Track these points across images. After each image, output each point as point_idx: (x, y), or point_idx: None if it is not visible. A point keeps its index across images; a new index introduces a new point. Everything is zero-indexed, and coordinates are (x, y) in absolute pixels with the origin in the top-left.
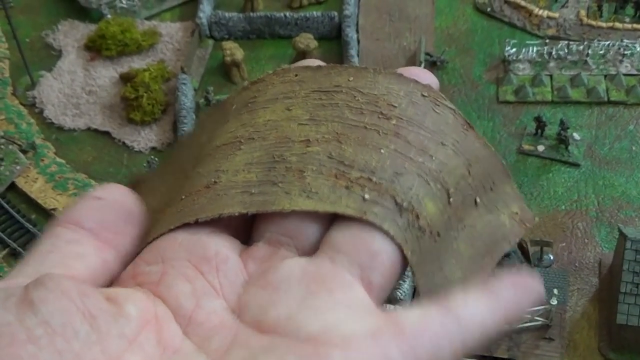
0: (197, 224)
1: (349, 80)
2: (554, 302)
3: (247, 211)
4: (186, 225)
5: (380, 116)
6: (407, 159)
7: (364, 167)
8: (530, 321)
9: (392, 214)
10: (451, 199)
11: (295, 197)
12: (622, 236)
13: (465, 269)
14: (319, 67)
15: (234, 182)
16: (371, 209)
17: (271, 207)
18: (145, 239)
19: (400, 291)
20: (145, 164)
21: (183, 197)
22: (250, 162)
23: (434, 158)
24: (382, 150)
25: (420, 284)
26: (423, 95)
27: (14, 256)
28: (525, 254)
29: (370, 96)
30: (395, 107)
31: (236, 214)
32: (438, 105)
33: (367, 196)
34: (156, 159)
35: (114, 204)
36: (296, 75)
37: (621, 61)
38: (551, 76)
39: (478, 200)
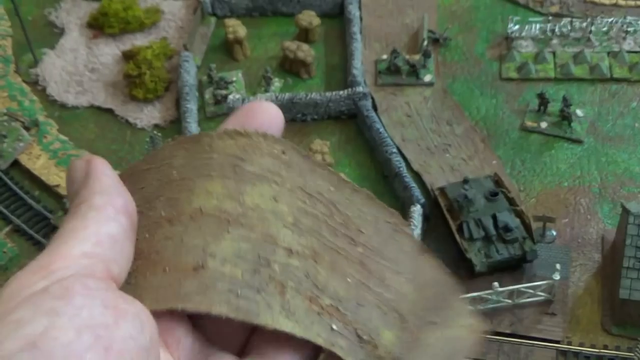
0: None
1: (330, 189)
2: (557, 277)
3: (234, 316)
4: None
5: (350, 242)
6: (368, 289)
7: (333, 294)
8: (533, 296)
9: (354, 346)
10: (406, 324)
11: (276, 314)
12: (625, 211)
13: None
14: (307, 158)
15: (221, 274)
16: (338, 341)
17: (256, 319)
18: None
19: None
20: (147, 139)
21: (166, 268)
22: (238, 255)
23: (390, 288)
24: (348, 279)
25: None
26: (387, 222)
27: (18, 232)
28: (528, 229)
29: (344, 216)
30: (362, 232)
31: (222, 316)
32: (397, 232)
33: (334, 326)
34: (159, 134)
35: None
36: (284, 153)
37: (624, 38)
38: (554, 53)
39: (436, 319)
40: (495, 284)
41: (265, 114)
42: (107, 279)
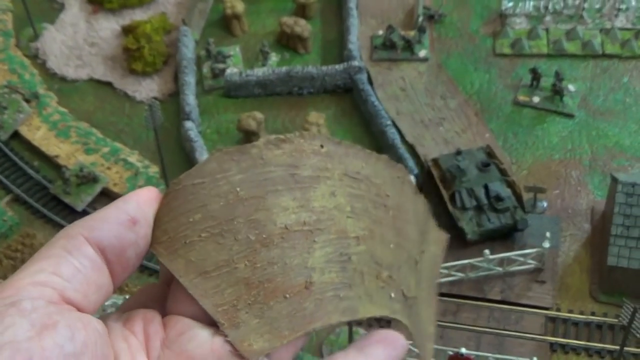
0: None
1: (362, 166)
2: (547, 245)
3: (344, 319)
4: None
5: (384, 210)
6: (402, 249)
7: (387, 265)
8: (523, 264)
9: (404, 306)
10: (418, 264)
11: (365, 303)
12: (614, 180)
13: (430, 306)
14: (338, 143)
15: (325, 284)
16: (395, 307)
17: (357, 315)
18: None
19: None
20: (146, 107)
21: (286, 295)
22: (328, 260)
23: (409, 239)
24: (391, 246)
25: (415, 335)
26: (397, 177)
27: (17, 201)
28: (519, 199)
29: (376, 186)
30: (389, 196)
31: (338, 323)
32: (404, 184)
33: (392, 294)
34: (157, 102)
35: (139, 240)
36: (322, 147)
37: (616, 15)
38: (547, 30)
39: (423, 248)
40: (487, 251)
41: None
42: (60, 303)
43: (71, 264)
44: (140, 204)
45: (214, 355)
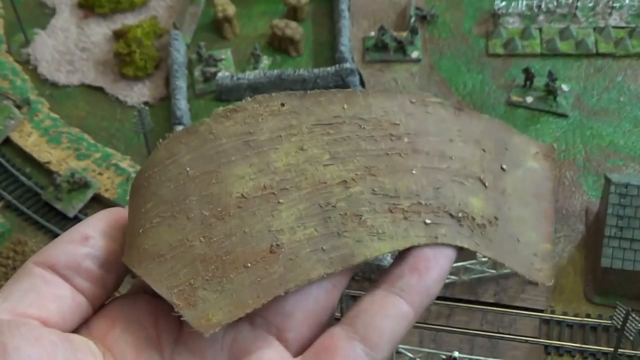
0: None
1: (343, 108)
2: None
3: (334, 270)
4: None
5: (392, 138)
6: (435, 170)
7: (408, 193)
8: None
9: (455, 228)
10: (486, 183)
11: (369, 243)
12: (607, 181)
13: (534, 226)
14: (304, 94)
15: (298, 242)
16: (438, 232)
17: (354, 260)
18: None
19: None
20: (135, 113)
21: (247, 264)
22: (301, 217)
23: (453, 158)
24: (413, 172)
25: (509, 266)
26: (412, 103)
27: (9, 208)
28: None
29: (372, 121)
30: (398, 124)
31: (324, 276)
32: (427, 106)
33: (427, 220)
34: (146, 107)
35: (95, 251)
36: (283, 105)
37: (610, 14)
38: (540, 29)
39: (504, 166)
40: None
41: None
42: (13, 318)
43: (20, 286)
44: (93, 222)
45: None
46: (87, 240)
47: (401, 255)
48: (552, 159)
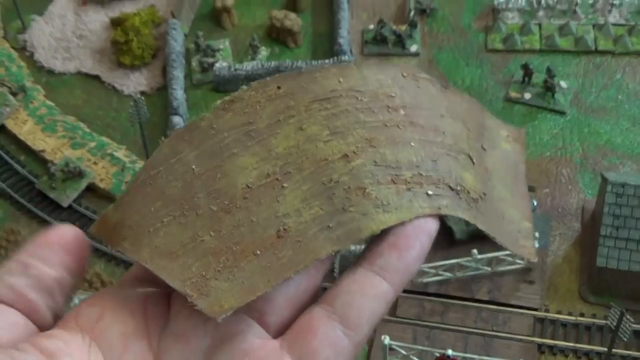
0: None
1: (339, 81)
2: (536, 244)
3: (342, 247)
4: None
5: (389, 110)
6: (431, 143)
7: (409, 164)
8: (511, 264)
9: (455, 200)
10: (474, 160)
11: (375, 215)
12: (604, 180)
13: (515, 205)
14: (299, 72)
15: (305, 223)
16: (440, 203)
17: (361, 234)
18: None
19: None
20: (131, 103)
21: (257, 251)
22: (305, 198)
23: (446, 133)
24: (412, 144)
25: (499, 240)
26: (403, 77)
27: (3, 196)
28: None
29: (369, 93)
30: (393, 97)
31: (332, 254)
32: (417, 80)
33: (429, 192)
34: (142, 98)
35: (37, 272)
36: (279, 88)
37: (610, 11)
38: (540, 25)
39: (484, 146)
40: (475, 251)
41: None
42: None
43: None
44: (34, 249)
45: None
46: (27, 269)
47: (382, 233)
48: (522, 142)
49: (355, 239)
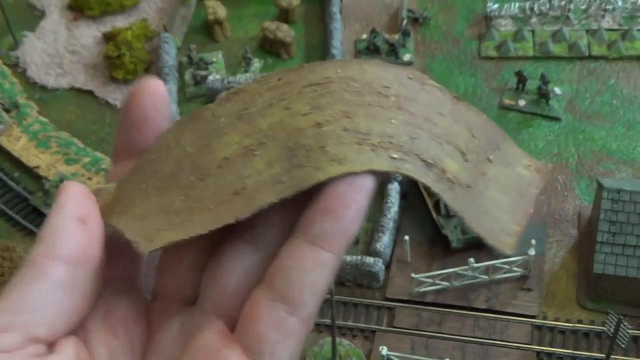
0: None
1: (337, 72)
2: (532, 252)
3: (288, 194)
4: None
5: (379, 95)
6: (416, 127)
7: (381, 133)
8: (508, 272)
9: (422, 168)
10: (468, 157)
11: (326, 167)
12: (600, 186)
13: (510, 211)
14: (302, 65)
15: (262, 181)
16: (403, 165)
17: (307, 183)
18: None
19: (380, 244)
20: None
21: (212, 207)
22: (270, 162)
23: (438, 125)
24: (392, 121)
25: (468, 223)
26: (409, 78)
27: None
28: None
29: (363, 82)
30: (389, 87)
31: (276, 201)
32: (425, 85)
33: (394, 155)
34: None
35: (91, 232)
36: (280, 79)
37: (603, 16)
38: (533, 31)
39: (491, 157)
40: (471, 260)
41: (148, 96)
42: (23, 342)
43: (34, 294)
44: (80, 202)
45: None
46: (85, 224)
47: (314, 198)
48: (543, 174)
49: (298, 187)
